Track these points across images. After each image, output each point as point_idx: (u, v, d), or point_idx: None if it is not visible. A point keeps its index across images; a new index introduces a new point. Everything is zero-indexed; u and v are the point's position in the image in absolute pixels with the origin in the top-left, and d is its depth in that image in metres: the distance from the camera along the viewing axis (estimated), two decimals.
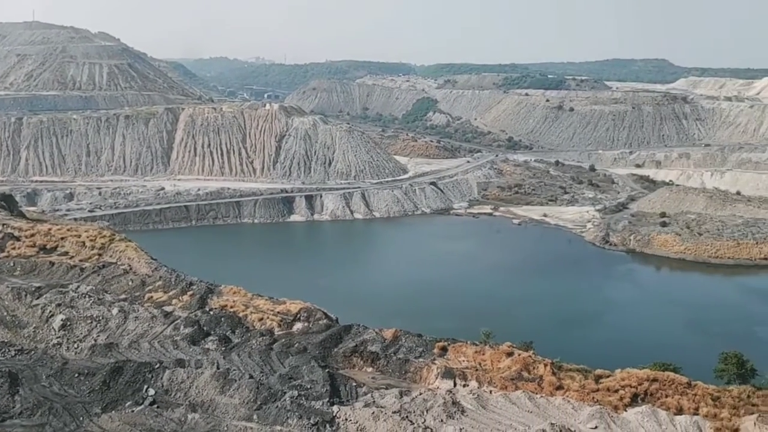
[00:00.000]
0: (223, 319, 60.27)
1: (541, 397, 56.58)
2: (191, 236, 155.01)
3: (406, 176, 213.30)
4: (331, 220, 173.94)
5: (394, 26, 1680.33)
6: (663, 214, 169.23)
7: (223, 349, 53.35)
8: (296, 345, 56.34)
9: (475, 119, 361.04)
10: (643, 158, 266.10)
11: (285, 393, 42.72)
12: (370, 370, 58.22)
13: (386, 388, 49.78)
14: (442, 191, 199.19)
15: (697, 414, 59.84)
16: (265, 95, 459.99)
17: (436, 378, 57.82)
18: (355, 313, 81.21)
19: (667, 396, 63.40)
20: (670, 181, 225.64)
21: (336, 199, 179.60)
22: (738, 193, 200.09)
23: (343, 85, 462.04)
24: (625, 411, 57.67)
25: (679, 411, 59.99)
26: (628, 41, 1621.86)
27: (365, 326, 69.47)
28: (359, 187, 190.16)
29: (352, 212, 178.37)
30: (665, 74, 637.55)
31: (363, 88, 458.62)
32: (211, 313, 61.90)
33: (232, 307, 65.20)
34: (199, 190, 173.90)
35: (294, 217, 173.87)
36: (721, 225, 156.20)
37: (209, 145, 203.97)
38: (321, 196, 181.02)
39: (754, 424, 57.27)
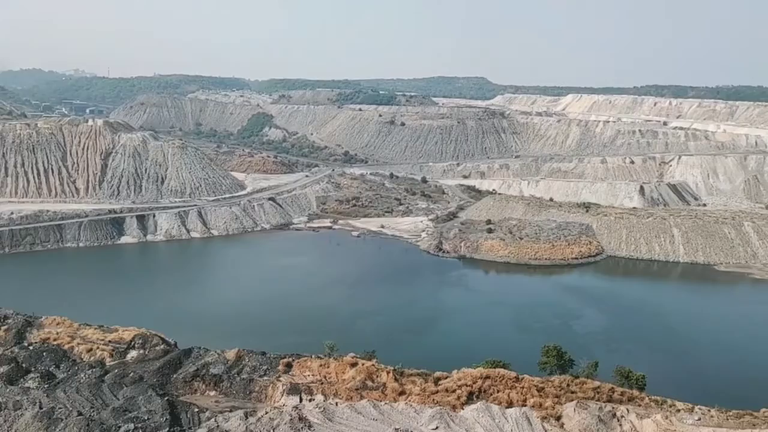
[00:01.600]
0: (45, 353, 55.61)
1: (385, 403, 58.45)
2: (5, 265, 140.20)
3: (244, 192, 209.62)
4: (167, 241, 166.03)
5: (227, 41, 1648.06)
6: (489, 221, 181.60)
7: (46, 386, 49.21)
8: (131, 375, 53.39)
9: (312, 134, 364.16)
10: (469, 169, 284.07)
11: (120, 427, 40.40)
12: (213, 393, 56.69)
13: (231, 411, 48.79)
14: (281, 206, 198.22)
15: (525, 405, 65.16)
16: (87, 110, 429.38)
17: (282, 395, 57.62)
18: (195, 336, 78.51)
19: (498, 391, 68.38)
20: (494, 190, 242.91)
21: (170, 219, 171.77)
22: (551, 199, 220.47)
23: (175, 100, 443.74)
24: (463, 409, 61.31)
25: (510, 404, 64.94)
26: (452, 60, 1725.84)
27: (206, 348, 67.47)
28: (195, 205, 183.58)
29: (188, 231, 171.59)
30: (485, 91, 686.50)
31: (196, 103, 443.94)
32: (31, 348, 56.88)
33: (55, 339, 60.37)
34: (12, 213, 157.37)
35: (125, 239, 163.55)
36: (539, 229, 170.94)
37: (23, 164, 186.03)
38: (154, 216, 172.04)
39: (574, 409, 63.55)
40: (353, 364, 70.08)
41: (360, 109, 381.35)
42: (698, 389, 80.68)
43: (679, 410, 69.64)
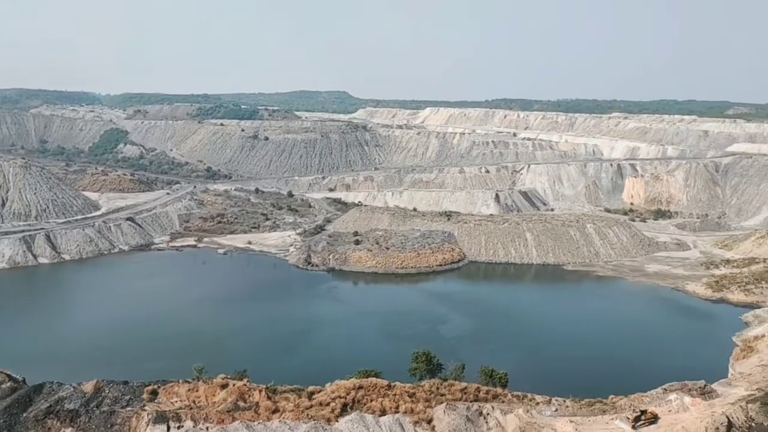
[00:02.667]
0: None
1: (259, 423, 57.70)
2: None
3: (98, 213, 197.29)
4: (10, 268, 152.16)
5: (75, 54, 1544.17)
6: (356, 233, 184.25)
7: None
8: None
9: (171, 150, 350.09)
10: (335, 182, 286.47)
11: None
12: (69, 430, 53.12)
13: None
14: (140, 226, 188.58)
15: (398, 412, 66.97)
16: None
17: (148, 425, 55.14)
18: (48, 371, 72.99)
19: (372, 400, 69.69)
20: (359, 202, 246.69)
21: (14, 244, 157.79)
22: (414, 209, 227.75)
23: (15, 116, 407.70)
24: (337, 421, 61.86)
25: (383, 412, 66.46)
26: (314, 74, 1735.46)
27: (60, 383, 63.14)
28: (43, 229, 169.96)
29: (35, 257, 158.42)
30: (347, 105, 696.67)
31: (40, 119, 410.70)
32: None
33: None
34: None
35: None
36: (404, 239, 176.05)
37: None
38: None
39: (444, 411, 66.17)
40: (224, 386, 68.46)
41: (222, 124, 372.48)
42: (554, 382, 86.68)
43: (538, 403, 74.68)
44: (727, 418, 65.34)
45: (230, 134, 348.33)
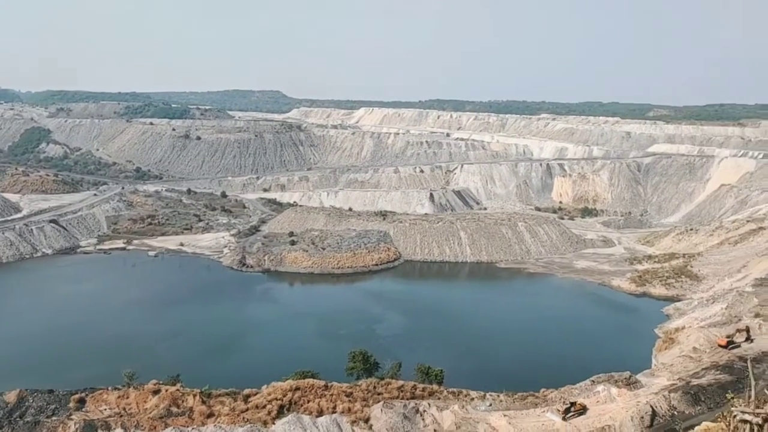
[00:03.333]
0: None
1: (193, 428, 56.62)
2: None
3: (19, 215, 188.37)
4: None
5: None
6: (291, 234, 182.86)
7: None
8: None
9: (98, 150, 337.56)
10: (270, 182, 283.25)
11: None
12: None
13: None
14: (65, 229, 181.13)
15: (335, 412, 67.00)
16: None
17: None
18: None
19: (309, 401, 69.50)
20: (295, 202, 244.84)
21: None
22: (350, 209, 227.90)
23: None
24: (274, 424, 61.36)
25: (320, 412, 66.36)
26: (247, 73, 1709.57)
27: None
28: None
29: None
30: (281, 104, 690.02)
31: None
32: None
33: None
34: None
35: None
36: (340, 239, 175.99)
37: None
38: None
39: (381, 410, 66.64)
40: (156, 392, 66.86)
41: (151, 123, 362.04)
42: (489, 378, 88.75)
43: (473, 399, 76.19)
44: (651, 407, 68.52)
45: (160, 134, 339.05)
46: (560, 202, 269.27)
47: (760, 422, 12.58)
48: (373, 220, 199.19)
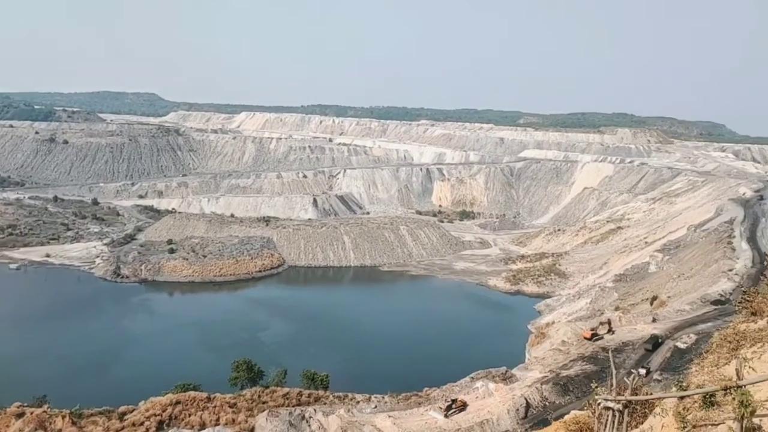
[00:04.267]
0: None
1: None
2: None
3: None
4: None
5: None
6: (170, 241, 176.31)
7: None
8: None
9: None
10: (146, 189, 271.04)
11: None
12: None
13: None
14: None
15: (219, 424, 65.67)
16: None
17: None
18: None
19: (190, 414, 67.61)
20: (173, 209, 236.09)
21: None
22: (232, 215, 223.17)
23: None
24: None
25: (203, 426, 64.81)
26: (119, 74, 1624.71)
27: None
28: None
29: None
30: (157, 107, 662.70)
31: None
32: None
33: None
34: None
35: None
36: (222, 246, 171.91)
37: None
38: None
39: (266, 419, 66.10)
40: (20, 415, 62.45)
41: (11, 126, 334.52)
42: (374, 380, 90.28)
43: (358, 402, 77.30)
44: (525, 399, 72.79)
45: (22, 137, 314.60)
46: (440, 206, 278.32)
47: (620, 408, 14.11)
48: (256, 226, 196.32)
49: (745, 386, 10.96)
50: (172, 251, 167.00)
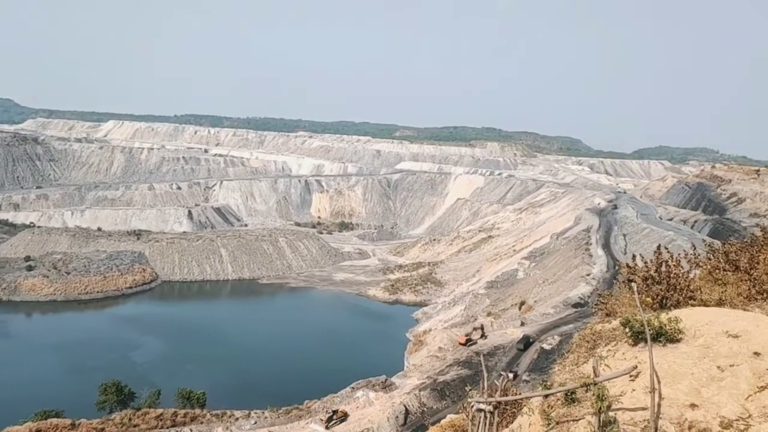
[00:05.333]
0: None
1: None
2: None
3: None
4: None
5: None
6: (28, 258, 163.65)
7: None
8: None
9: None
10: (0, 202, 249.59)
11: None
12: None
13: None
14: None
15: None
16: None
17: None
18: None
19: None
20: (31, 223, 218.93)
21: None
22: (99, 229, 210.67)
23: None
24: None
25: None
26: None
27: None
28: None
29: None
30: (12, 114, 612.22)
31: None
32: None
33: None
34: None
35: None
36: (88, 261, 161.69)
37: None
38: None
39: None
40: None
41: None
42: (254, 396, 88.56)
43: (237, 419, 75.70)
44: (405, 406, 74.55)
45: None
46: (319, 217, 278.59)
47: (491, 409, 14.83)
48: (126, 240, 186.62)
49: (601, 382, 12.27)
50: (30, 268, 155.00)
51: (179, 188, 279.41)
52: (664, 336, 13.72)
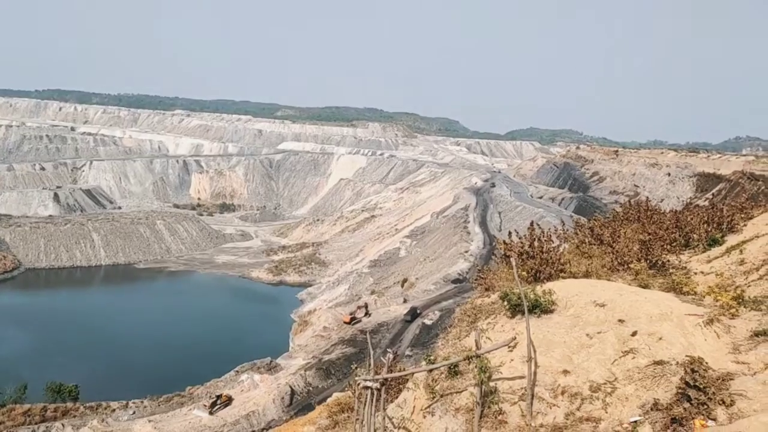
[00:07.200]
0: None
1: None
2: None
3: None
4: None
5: None
6: None
7: None
8: None
9: None
10: None
11: None
12: None
13: None
14: None
15: None
16: None
17: None
18: None
19: None
20: None
21: None
22: None
23: None
24: None
25: None
26: None
27: None
28: None
29: None
30: None
31: None
32: None
33: None
34: None
35: None
36: None
37: None
38: None
39: None
40: None
41: None
42: (132, 385, 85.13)
43: (114, 410, 72.70)
44: (290, 387, 74.73)
45: None
46: (199, 199, 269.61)
47: (378, 386, 15.19)
48: None
49: (482, 354, 13.00)
50: None
51: (43, 169, 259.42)
52: (539, 307, 14.81)
